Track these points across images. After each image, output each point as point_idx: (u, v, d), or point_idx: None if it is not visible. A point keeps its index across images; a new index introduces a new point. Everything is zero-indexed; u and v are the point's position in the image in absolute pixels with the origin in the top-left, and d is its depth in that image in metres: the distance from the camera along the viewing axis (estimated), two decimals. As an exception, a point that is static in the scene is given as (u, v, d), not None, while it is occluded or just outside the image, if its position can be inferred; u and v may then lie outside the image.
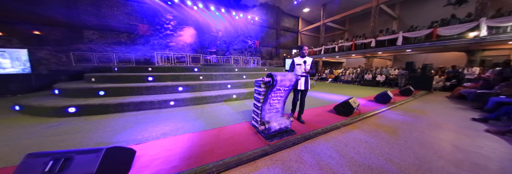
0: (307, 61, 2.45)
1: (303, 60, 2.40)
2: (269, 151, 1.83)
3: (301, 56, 2.48)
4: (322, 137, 2.28)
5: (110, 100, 3.53)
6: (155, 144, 2.00)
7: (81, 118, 3.10)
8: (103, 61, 7.87)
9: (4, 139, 2.22)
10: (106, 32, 8.91)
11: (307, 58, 2.51)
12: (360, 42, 9.93)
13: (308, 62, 2.46)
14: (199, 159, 1.65)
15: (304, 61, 2.40)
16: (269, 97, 2.04)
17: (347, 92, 6.35)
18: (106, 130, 2.50)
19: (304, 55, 2.47)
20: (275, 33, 16.13)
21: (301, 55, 2.47)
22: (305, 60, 2.41)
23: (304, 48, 2.43)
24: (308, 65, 2.44)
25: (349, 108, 2.97)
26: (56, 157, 1.20)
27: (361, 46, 10.04)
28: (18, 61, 5.23)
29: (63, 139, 2.21)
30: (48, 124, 2.77)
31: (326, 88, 7.99)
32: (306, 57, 2.51)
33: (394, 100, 4.36)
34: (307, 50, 2.49)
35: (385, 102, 4.14)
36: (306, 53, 2.45)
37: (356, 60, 14.73)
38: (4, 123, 2.81)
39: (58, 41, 7.48)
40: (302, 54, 2.46)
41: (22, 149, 1.95)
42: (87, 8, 8.34)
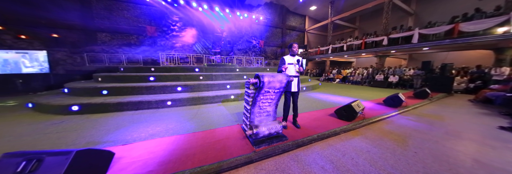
0: (301, 61, 2.27)
1: (296, 59, 2.21)
2: (255, 158, 1.69)
3: (291, 54, 2.29)
4: (318, 144, 2.08)
5: (111, 99, 3.63)
6: (139, 145, 1.96)
7: (83, 116, 3.21)
8: (113, 62, 8.28)
9: (8, 135, 2.35)
10: (117, 34, 9.41)
11: (299, 57, 2.32)
12: (371, 41, 9.31)
13: (301, 61, 2.27)
14: (177, 164, 1.56)
15: (297, 60, 2.21)
16: (258, 99, 1.90)
17: (354, 94, 5.94)
18: (101, 129, 2.54)
19: (295, 54, 2.28)
20: (280, 33, 15.85)
21: (291, 53, 2.28)
22: (298, 59, 2.22)
23: (294, 46, 2.24)
24: (300, 65, 2.25)
25: (352, 112, 2.71)
26: (29, 157, 1.18)
27: (371, 44, 9.42)
28: (36, 62, 5.67)
29: (59, 136, 2.28)
30: (52, 121, 2.90)
31: (332, 89, 7.59)
32: (296, 56, 2.32)
33: (407, 103, 3.95)
34: (298, 48, 2.30)
35: (395, 106, 3.76)
36: (296, 51, 2.26)
37: (367, 60, 13.88)
38: (15, 119, 3.01)
39: (74, 43, 8.05)
40: (292, 52, 2.27)
41: (20, 146, 2.02)
42: (100, 12, 8.87)
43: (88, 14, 8.57)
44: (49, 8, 7.66)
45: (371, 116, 3.07)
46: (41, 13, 7.44)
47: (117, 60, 8.34)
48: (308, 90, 6.63)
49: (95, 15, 8.75)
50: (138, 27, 9.63)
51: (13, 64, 5.36)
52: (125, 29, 9.46)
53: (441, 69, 6.17)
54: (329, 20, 13.88)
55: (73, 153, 1.22)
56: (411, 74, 7.91)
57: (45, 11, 7.55)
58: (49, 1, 7.85)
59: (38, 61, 5.62)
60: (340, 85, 9.37)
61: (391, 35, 8.22)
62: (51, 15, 7.66)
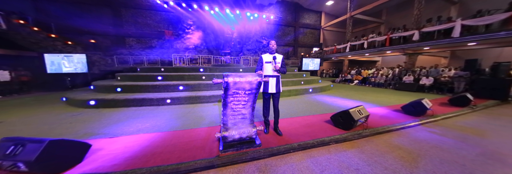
0: (277, 58, 2.04)
1: (273, 56, 2.01)
2: (217, 163, 1.58)
3: (269, 52, 2.08)
4: (297, 155, 1.82)
5: (121, 96, 4.07)
6: (121, 140, 2.09)
7: (97, 110, 3.68)
8: (136, 63, 9.39)
9: (37, 121, 2.86)
10: (141, 39, 10.68)
11: (277, 55, 2.10)
12: (397, 36, 7.99)
13: (278, 59, 2.05)
14: (140, 161, 1.58)
15: (273, 57, 2.00)
16: (228, 100, 1.79)
17: (370, 98, 5.16)
18: (103, 122, 2.84)
19: (273, 51, 2.07)
20: (292, 31, 15.24)
21: (270, 51, 2.07)
22: (274, 56, 2.01)
23: (271, 43, 2.03)
24: (278, 63, 2.03)
25: (349, 120, 2.31)
26: (16, 143, 1.37)
27: (399, 40, 8.08)
28: (72, 63, 6.86)
29: (69, 127, 2.63)
30: (72, 113, 3.41)
31: (345, 91, 6.80)
32: (275, 53, 2.10)
33: (434, 111, 3.19)
34: (276, 46, 2.08)
35: (417, 114, 3.08)
36: (274, 48, 2.05)
37: (395, 58, 11.97)
38: (49, 110, 3.66)
39: (107, 47, 9.49)
40: (270, 50, 2.06)
41: (36, 131, 2.41)
42: (128, 19, 10.23)
43: (119, 22, 10.00)
44: (89, 19, 9.38)
45: (379, 125, 2.57)
46: (83, 24, 9.15)
47: (140, 61, 9.42)
48: (315, 92, 6.11)
49: (124, 23, 10.15)
50: (158, 32, 10.71)
51: (57, 65, 6.62)
52: (147, 34, 10.66)
53: (493, 70, 4.81)
54: (348, 15, 12.60)
55: (46, 142, 1.35)
56: (451, 76, 6.44)
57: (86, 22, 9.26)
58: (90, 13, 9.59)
59: (73, 63, 6.81)
60: (358, 87, 8.34)
61: (423, 29, 6.86)
62: (91, 25, 9.33)
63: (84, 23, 9.24)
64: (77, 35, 8.69)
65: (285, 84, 6.25)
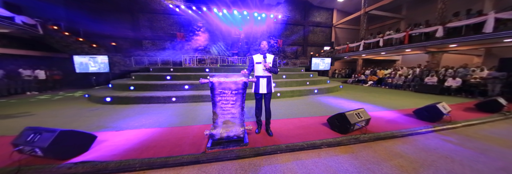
0: (268, 59, 2.02)
1: (263, 56, 2.01)
2: (202, 159, 1.64)
3: (260, 52, 2.07)
4: (283, 156, 1.80)
5: (132, 94, 4.45)
6: (124, 133, 2.30)
7: (111, 106, 4.08)
8: (151, 63, 10.12)
9: (60, 114, 3.28)
10: (156, 41, 11.50)
11: (268, 55, 2.08)
12: (418, 33, 7.23)
13: (269, 59, 2.03)
14: (136, 153, 1.72)
15: (264, 57, 1.99)
16: (216, 100, 1.84)
17: (382, 100, 4.78)
18: (114, 117, 3.15)
19: (264, 52, 2.05)
20: (301, 30, 14.83)
21: (261, 51, 2.07)
22: (265, 56, 2.00)
23: (262, 43, 2.02)
24: (269, 63, 2.01)
25: (345, 123, 2.19)
26: (35, 131, 1.60)
27: (420, 37, 7.31)
28: (96, 63, 7.67)
29: (85, 120, 2.97)
30: (91, 108, 3.84)
31: (355, 93, 6.41)
32: (267, 54, 2.08)
33: (452, 117, 2.83)
34: (267, 46, 2.06)
35: (431, 120, 2.77)
36: (265, 49, 2.03)
37: (418, 57, 10.77)
38: (73, 105, 4.16)
39: (126, 49, 10.44)
40: (260, 50, 2.05)
41: (59, 123, 2.77)
42: (145, 23, 11.11)
43: (136, 26, 10.94)
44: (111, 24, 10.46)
45: (382, 130, 2.39)
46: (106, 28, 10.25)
47: (154, 62, 10.13)
48: (321, 93, 5.87)
49: (141, 27, 11.06)
50: (170, 34, 11.43)
51: (84, 65, 7.48)
52: (161, 37, 11.45)
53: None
54: (362, 11, 11.81)
55: (57, 132, 1.56)
56: (484, 77, 5.61)
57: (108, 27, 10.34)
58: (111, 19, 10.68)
59: (97, 63, 7.61)
60: (372, 89, 7.77)
61: (449, 24, 6.09)
62: (112, 29, 10.41)
63: (107, 28, 10.36)
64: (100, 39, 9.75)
65: (289, 85, 6.14)
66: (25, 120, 2.98)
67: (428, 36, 6.98)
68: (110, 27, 10.41)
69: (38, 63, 7.49)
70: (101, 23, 10.30)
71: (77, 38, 8.27)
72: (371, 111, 3.46)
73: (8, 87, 5.80)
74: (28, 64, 6.95)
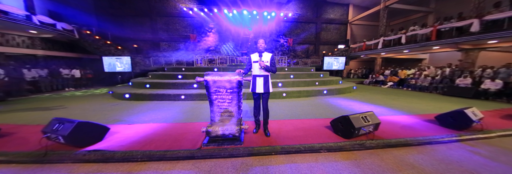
0: (265, 57, 1.98)
1: (259, 55, 1.98)
2: (197, 155, 1.70)
3: (258, 51, 2.04)
4: (278, 158, 1.75)
5: (147, 91, 4.84)
6: (134, 126, 2.51)
7: (129, 102, 4.50)
8: (167, 63, 10.88)
9: (86, 108, 3.73)
10: (171, 43, 12.33)
11: (265, 54, 2.03)
12: (449, 27, 6.31)
13: (266, 58, 1.98)
14: (140, 145, 1.87)
15: (260, 56, 1.97)
16: (213, 98, 1.89)
17: (400, 103, 4.30)
18: (129, 111, 3.47)
19: (261, 50, 2.01)
20: (313, 28, 14.21)
21: (257, 50, 2.03)
22: (261, 55, 1.96)
23: (259, 41, 1.98)
24: (267, 62, 1.96)
25: (349, 127, 2.03)
26: (60, 121, 1.86)
27: (450, 33, 6.38)
28: (122, 64, 8.52)
29: (105, 113, 3.34)
30: (112, 103, 4.30)
31: (370, 94, 5.90)
32: (264, 52, 2.03)
33: (485, 125, 2.41)
34: (263, 44, 2.01)
35: (457, 127, 2.40)
36: (261, 47, 1.99)
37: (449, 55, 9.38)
38: (99, 101, 4.71)
39: (146, 50, 11.42)
40: (257, 49, 2.02)
41: (84, 116, 3.15)
42: (162, 26, 12.01)
43: (154, 29, 11.93)
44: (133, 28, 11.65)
45: (393, 136, 2.16)
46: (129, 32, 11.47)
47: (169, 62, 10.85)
48: (330, 94, 5.56)
49: (159, 30, 11.99)
50: (184, 36, 12.14)
51: (112, 65, 8.39)
52: (176, 38, 12.25)
53: None
54: (382, 5, 10.77)
55: (76, 123, 1.78)
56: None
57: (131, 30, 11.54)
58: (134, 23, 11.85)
59: (122, 63, 8.46)
60: (391, 91, 7.07)
61: (487, 17, 5.15)
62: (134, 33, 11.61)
63: (129, 31, 11.57)
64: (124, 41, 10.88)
65: (297, 85, 5.96)
66: (58, 112, 3.49)
67: (461, 31, 6.02)
68: (132, 31, 11.62)
69: (74, 63, 8.67)
70: (124, 27, 11.51)
71: (106, 41, 9.35)
72: (385, 115, 3.16)
73: (51, 84, 6.86)
74: (66, 65, 8.10)
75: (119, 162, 1.66)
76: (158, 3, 11.82)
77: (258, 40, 1.98)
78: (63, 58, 8.80)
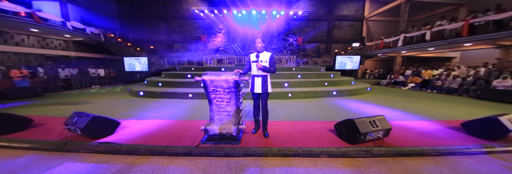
0: (263, 57, 1.93)
1: (256, 55, 1.94)
2: (194, 152, 1.74)
3: (256, 51, 2.00)
4: (274, 160, 1.70)
5: (159, 89, 5.15)
6: (142, 122, 2.69)
7: (143, 99, 4.84)
8: (179, 63, 11.47)
9: (105, 103, 4.11)
10: (184, 44, 12.97)
11: (264, 54, 1.98)
12: (484, 21, 5.46)
13: (264, 58, 1.93)
14: (144, 139, 1.99)
15: (256, 55, 1.93)
16: (211, 97, 1.92)
17: (421, 107, 3.84)
18: (141, 108, 3.73)
19: (260, 50, 1.96)
20: (325, 26, 13.56)
21: (256, 50, 1.99)
22: (259, 55, 1.93)
23: (256, 40, 1.93)
24: (265, 62, 1.91)
25: (354, 132, 1.88)
26: (78, 115, 2.08)
27: (486, 27, 5.51)
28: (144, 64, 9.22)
29: (119, 109, 3.63)
30: (127, 100, 4.67)
31: (386, 96, 5.41)
32: (263, 52, 1.98)
33: (530, 136, 2.02)
34: (260, 44, 1.96)
35: (488, 137, 2.06)
36: (259, 47, 1.94)
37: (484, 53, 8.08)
38: (117, 97, 5.16)
39: (161, 51, 12.18)
40: (255, 48, 1.98)
41: (103, 111, 3.47)
42: (176, 28, 12.73)
43: (169, 32, 12.71)
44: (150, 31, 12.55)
45: (407, 144, 1.94)
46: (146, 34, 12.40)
47: (182, 62, 11.42)
48: (341, 95, 5.26)
49: (173, 32, 12.72)
50: (196, 37, 12.66)
51: (132, 65, 9.13)
52: (188, 39, 12.86)
53: None
54: (404, -2, 9.79)
55: (90, 117, 1.97)
56: None
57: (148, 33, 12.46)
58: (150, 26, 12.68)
59: (140, 63, 9.16)
60: (412, 93, 6.39)
61: None
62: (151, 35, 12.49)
63: (146, 34, 12.49)
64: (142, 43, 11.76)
65: (304, 85, 5.77)
66: (82, 106, 3.91)
67: (499, 25, 5.15)
68: (149, 33, 12.54)
69: (99, 63, 9.64)
70: (142, 30, 12.51)
71: (127, 43, 10.21)
72: (400, 120, 2.87)
73: (80, 81, 7.74)
74: (93, 64, 9.05)
75: (124, 155, 1.78)
76: (172, 6, 12.55)
77: (256, 39, 1.94)
78: (91, 58, 9.86)
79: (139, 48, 10.51)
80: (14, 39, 6.31)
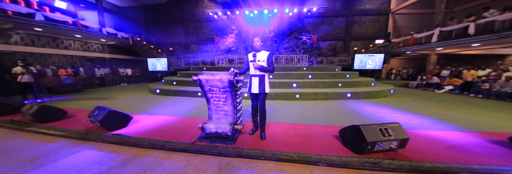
0: (260, 56, 1.85)
1: (253, 54, 1.88)
2: (190, 149, 1.80)
3: (254, 50, 1.93)
4: (267, 164, 1.63)
5: (173, 88, 5.55)
6: (152, 117, 2.92)
7: (158, 96, 5.28)
8: (194, 63, 12.19)
9: (127, 100, 4.61)
10: (199, 45, 13.76)
11: (261, 53, 1.90)
12: None
13: (261, 57, 1.85)
14: (149, 133, 2.16)
15: (253, 55, 1.86)
16: (208, 96, 1.94)
17: (457, 115, 3.20)
18: (154, 104, 4.06)
19: (257, 49, 1.89)
20: (344, 22, 12.54)
21: (254, 49, 1.92)
22: (257, 55, 1.86)
23: (254, 39, 1.86)
24: (263, 61, 1.83)
25: (360, 140, 1.67)
26: (99, 109, 2.37)
27: None
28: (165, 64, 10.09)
29: (136, 104, 4.02)
30: (145, 97, 5.15)
31: (413, 100, 4.68)
32: (261, 51, 1.90)
33: None
34: (258, 43, 1.87)
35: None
36: (256, 46, 1.86)
37: None
38: (138, 94, 5.74)
39: (179, 52, 13.15)
40: (253, 48, 1.90)
41: (124, 106, 3.90)
42: (192, 31, 13.60)
43: (186, 34, 13.69)
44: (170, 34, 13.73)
45: (430, 159, 1.63)
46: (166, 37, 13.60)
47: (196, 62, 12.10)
48: (356, 98, 4.79)
49: (189, 34, 13.63)
50: (210, 38, 13.25)
51: (154, 65, 10.08)
52: (203, 41, 13.58)
53: None
54: (443, -12, 8.34)
55: (107, 111, 2.23)
56: None
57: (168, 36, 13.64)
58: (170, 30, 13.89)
59: (161, 64, 10.04)
60: (448, 97, 5.39)
61: None
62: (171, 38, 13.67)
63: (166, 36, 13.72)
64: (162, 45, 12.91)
65: (314, 86, 5.45)
66: (108, 101, 4.47)
67: None
68: (169, 36, 13.79)
69: (127, 64, 10.92)
70: (163, 33, 13.77)
71: (150, 45, 11.33)
72: (427, 129, 2.46)
73: (112, 80, 8.89)
74: (122, 65, 10.30)
75: (131, 146, 1.96)
76: (189, 10, 13.44)
77: (254, 38, 1.89)
78: (121, 60, 11.25)
79: (160, 50, 11.55)
80: (64, 43, 7.63)
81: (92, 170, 1.52)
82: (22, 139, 2.17)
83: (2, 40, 5.48)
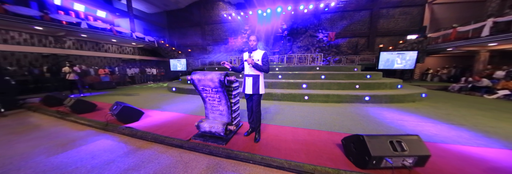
0: (255, 56, 1.78)
1: (250, 54, 1.81)
2: (185, 146, 1.88)
3: (249, 49, 1.85)
4: (255, 168, 1.57)
5: (186, 86, 5.95)
6: (162, 113, 3.18)
7: (173, 94, 5.74)
8: (210, 63, 12.86)
9: (148, 96, 5.17)
10: (215, 46, 14.44)
11: (257, 52, 1.82)
12: None
13: (256, 56, 1.77)
14: (154, 128, 2.35)
15: (249, 55, 1.79)
16: (203, 96, 1.99)
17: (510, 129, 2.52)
18: (167, 101, 4.43)
19: (252, 48, 1.81)
20: (367, 16, 11.19)
21: (249, 48, 1.84)
22: (252, 53, 1.78)
23: (250, 38, 1.77)
24: (258, 60, 1.74)
25: (363, 153, 1.43)
26: (117, 104, 2.72)
27: None
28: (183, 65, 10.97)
29: (154, 101, 4.46)
30: (163, 94, 5.67)
31: (453, 107, 3.79)
32: (257, 50, 1.81)
33: None
34: (255, 41, 1.76)
35: None
36: (252, 45, 1.77)
37: None
38: (158, 91, 6.38)
39: (196, 53, 14.07)
40: (248, 46, 1.82)
41: (143, 102, 4.37)
42: (208, 33, 14.36)
43: (203, 36, 14.55)
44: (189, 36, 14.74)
45: None
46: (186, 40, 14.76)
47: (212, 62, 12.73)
48: (376, 102, 4.20)
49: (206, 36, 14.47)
50: (224, 39, 13.76)
51: (175, 65, 11.05)
52: (218, 42, 14.20)
53: None
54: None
55: (122, 106, 2.53)
56: None
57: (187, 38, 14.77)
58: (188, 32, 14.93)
59: (182, 64, 10.92)
60: (501, 104, 4.21)
61: None
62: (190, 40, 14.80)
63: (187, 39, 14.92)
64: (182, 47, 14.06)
65: (327, 87, 5.02)
66: (132, 97, 5.08)
67: None
68: (188, 38, 14.99)
69: (153, 64, 12.29)
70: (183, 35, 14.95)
71: (172, 48, 12.48)
72: (463, 144, 1.98)
73: (140, 78, 10.13)
74: (149, 65, 11.64)
75: (138, 139, 2.17)
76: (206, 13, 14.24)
77: (250, 36, 1.83)
78: (148, 61, 12.73)
79: (180, 52, 12.58)
80: (104, 47, 9.08)
81: (102, 157, 1.74)
82: (61, 126, 2.66)
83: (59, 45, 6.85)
